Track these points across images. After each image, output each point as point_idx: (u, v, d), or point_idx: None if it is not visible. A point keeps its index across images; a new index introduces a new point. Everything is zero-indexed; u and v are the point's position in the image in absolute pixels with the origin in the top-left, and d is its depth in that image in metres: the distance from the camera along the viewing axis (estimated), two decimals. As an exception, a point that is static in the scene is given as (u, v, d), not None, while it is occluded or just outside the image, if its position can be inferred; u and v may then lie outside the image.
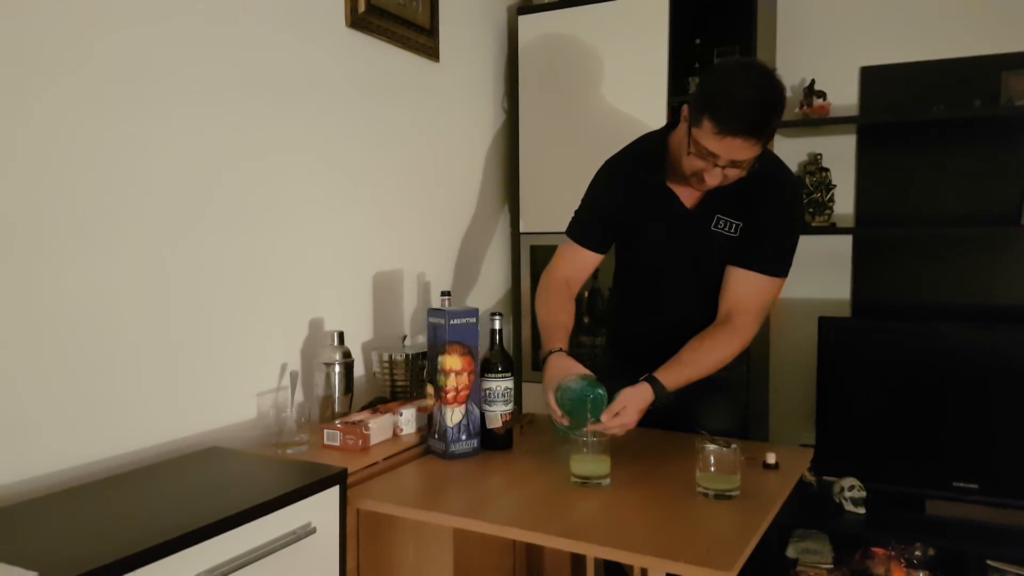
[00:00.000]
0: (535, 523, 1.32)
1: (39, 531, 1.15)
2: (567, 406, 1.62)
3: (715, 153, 1.55)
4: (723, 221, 1.74)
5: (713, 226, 1.75)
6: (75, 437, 1.45)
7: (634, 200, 1.82)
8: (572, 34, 2.72)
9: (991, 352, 2.44)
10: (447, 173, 2.57)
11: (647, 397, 1.62)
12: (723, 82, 1.55)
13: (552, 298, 1.85)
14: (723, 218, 1.74)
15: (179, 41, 1.63)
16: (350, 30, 2.11)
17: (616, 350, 2.04)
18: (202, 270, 1.69)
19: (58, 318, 1.42)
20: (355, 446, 1.66)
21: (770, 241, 1.73)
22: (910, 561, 2.33)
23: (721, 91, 1.53)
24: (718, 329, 1.72)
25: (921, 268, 2.73)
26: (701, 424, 1.75)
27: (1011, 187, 2.59)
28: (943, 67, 2.67)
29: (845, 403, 2.60)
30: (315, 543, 1.33)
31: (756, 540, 1.27)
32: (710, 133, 1.53)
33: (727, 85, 1.53)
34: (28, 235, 1.37)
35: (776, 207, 1.72)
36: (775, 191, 1.73)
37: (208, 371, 1.71)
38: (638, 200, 1.81)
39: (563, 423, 1.63)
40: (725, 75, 1.57)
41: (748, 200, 1.72)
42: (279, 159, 1.89)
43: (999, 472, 2.41)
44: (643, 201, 1.81)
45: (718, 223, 1.74)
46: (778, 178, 1.74)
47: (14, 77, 1.34)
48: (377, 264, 2.25)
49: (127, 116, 1.53)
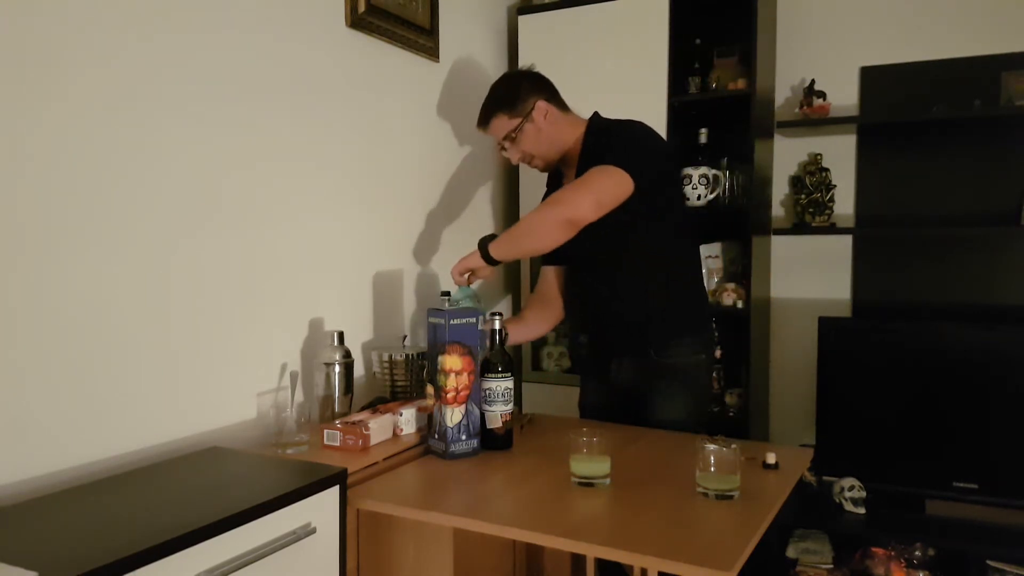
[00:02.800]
0: (535, 523, 1.32)
1: (39, 531, 1.15)
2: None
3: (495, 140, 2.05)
4: None
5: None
6: (75, 437, 1.45)
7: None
8: (572, 34, 2.72)
9: (991, 352, 2.44)
10: (447, 173, 2.57)
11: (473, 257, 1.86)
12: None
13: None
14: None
15: (181, 45, 1.63)
16: (350, 30, 2.11)
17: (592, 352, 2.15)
18: (202, 270, 1.70)
19: (60, 318, 1.42)
20: (355, 446, 1.66)
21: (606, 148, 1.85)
22: (910, 561, 2.33)
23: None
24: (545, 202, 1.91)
25: (921, 268, 2.73)
26: (655, 415, 1.88)
27: (1011, 187, 2.59)
28: (943, 67, 2.67)
29: (845, 403, 2.60)
30: (315, 543, 1.33)
31: (756, 540, 1.26)
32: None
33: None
34: (32, 236, 1.37)
35: (611, 135, 1.92)
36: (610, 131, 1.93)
37: (208, 371, 1.71)
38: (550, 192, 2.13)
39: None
40: None
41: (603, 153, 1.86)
42: (279, 159, 1.89)
43: (999, 472, 2.41)
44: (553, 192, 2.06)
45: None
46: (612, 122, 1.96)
47: (22, 82, 1.34)
48: (377, 264, 2.25)
49: (128, 118, 1.53)
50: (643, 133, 1.90)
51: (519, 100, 1.98)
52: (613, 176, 1.77)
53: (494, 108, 2.01)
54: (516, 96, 1.98)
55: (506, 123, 1.98)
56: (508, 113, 1.98)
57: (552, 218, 1.76)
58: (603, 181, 1.77)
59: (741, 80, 2.62)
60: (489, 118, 2.02)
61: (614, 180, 1.77)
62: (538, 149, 2.00)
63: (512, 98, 1.98)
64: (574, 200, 1.75)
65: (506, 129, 1.99)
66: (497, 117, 2.00)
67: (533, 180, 2.78)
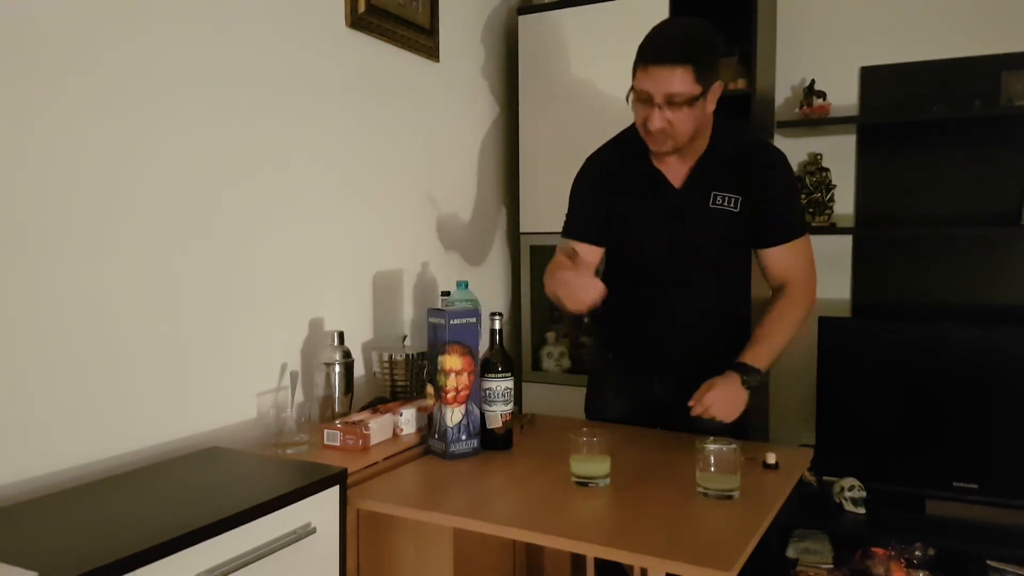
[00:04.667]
0: (535, 523, 1.32)
1: (39, 531, 1.15)
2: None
3: (648, 92, 1.61)
4: (721, 196, 1.75)
5: (712, 203, 1.75)
6: (76, 437, 1.45)
7: (622, 189, 1.81)
8: (572, 34, 2.72)
9: (991, 352, 2.44)
10: (447, 173, 2.57)
11: (732, 386, 1.64)
12: (652, 29, 1.67)
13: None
14: (720, 194, 1.74)
15: (182, 45, 1.63)
16: (350, 30, 2.11)
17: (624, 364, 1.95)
18: (202, 270, 1.70)
19: (61, 319, 1.42)
20: (355, 446, 1.66)
21: (781, 208, 1.76)
22: (910, 561, 2.33)
23: (649, 34, 1.66)
24: (777, 298, 1.77)
25: (921, 268, 2.73)
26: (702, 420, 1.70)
27: (1011, 187, 2.59)
28: (943, 67, 2.67)
29: (845, 403, 2.60)
30: (315, 543, 1.33)
31: (756, 540, 1.26)
32: (640, 73, 1.62)
33: (654, 28, 1.67)
34: (34, 237, 1.37)
35: (771, 174, 1.75)
36: (764, 160, 1.76)
37: (208, 371, 1.71)
38: (626, 188, 1.81)
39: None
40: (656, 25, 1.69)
41: (739, 174, 1.74)
42: (280, 160, 1.89)
43: (999, 472, 2.41)
44: (631, 187, 1.80)
45: (716, 199, 1.75)
46: (762, 147, 1.80)
47: (23, 82, 1.34)
48: (377, 264, 2.25)
49: (131, 120, 1.53)
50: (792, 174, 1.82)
51: (710, 67, 1.61)
52: (810, 246, 1.81)
53: (688, 55, 1.57)
54: (711, 61, 1.62)
55: (689, 83, 1.58)
56: (696, 73, 1.58)
57: (805, 316, 1.77)
58: (811, 254, 1.80)
59: (741, 80, 2.62)
60: (678, 61, 1.56)
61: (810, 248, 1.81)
62: (689, 132, 1.65)
63: (708, 59, 1.61)
64: (812, 289, 1.79)
65: (682, 88, 1.58)
66: (685, 68, 1.57)
67: (533, 180, 2.78)
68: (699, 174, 1.75)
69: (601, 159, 1.87)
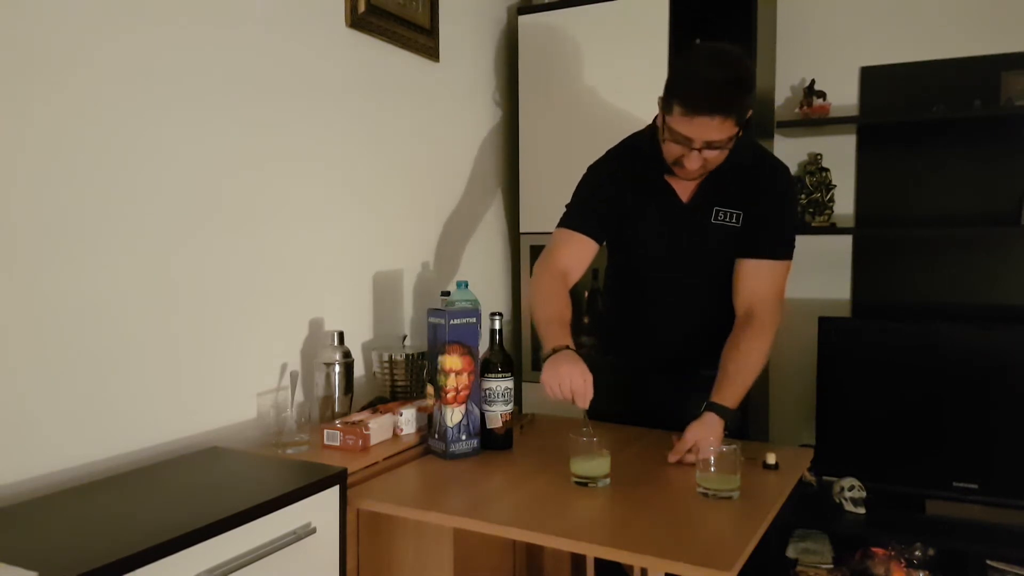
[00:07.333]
0: (535, 523, 1.32)
1: (39, 531, 1.15)
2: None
3: (688, 136, 1.56)
4: (723, 212, 1.74)
5: (713, 219, 1.75)
6: (76, 437, 1.45)
7: (629, 194, 1.80)
8: (572, 34, 2.72)
9: (991, 352, 2.44)
10: (447, 173, 2.57)
11: (716, 427, 1.60)
12: (689, 65, 1.58)
13: (551, 290, 1.75)
14: (722, 210, 1.74)
15: (181, 45, 1.63)
16: (350, 30, 2.11)
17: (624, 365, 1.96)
18: (202, 270, 1.69)
19: (60, 319, 1.42)
20: (355, 446, 1.66)
21: (774, 225, 1.74)
22: (910, 561, 2.33)
23: (688, 74, 1.56)
24: (745, 329, 1.70)
25: (921, 268, 2.73)
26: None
27: (1011, 187, 2.59)
28: (943, 67, 2.67)
29: (845, 403, 2.60)
30: (315, 543, 1.33)
31: (756, 540, 1.27)
32: (680, 116, 1.55)
33: (693, 67, 1.57)
34: (33, 236, 1.37)
35: (772, 192, 1.75)
36: (769, 177, 1.75)
37: (208, 371, 1.71)
38: (633, 194, 1.80)
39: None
40: (692, 58, 1.61)
41: (743, 189, 1.73)
42: (278, 159, 1.89)
43: (999, 472, 2.41)
44: (638, 195, 1.79)
45: (718, 215, 1.75)
46: (769, 163, 1.78)
47: (20, 81, 1.34)
48: (377, 264, 2.25)
49: (130, 120, 1.53)
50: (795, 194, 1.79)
51: (750, 106, 1.58)
52: (787, 273, 1.76)
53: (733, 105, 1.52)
54: (751, 100, 1.58)
55: (730, 128, 1.54)
56: (737, 117, 1.54)
57: (768, 351, 1.72)
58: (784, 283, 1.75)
59: (741, 80, 2.62)
60: (724, 114, 1.51)
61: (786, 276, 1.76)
62: (720, 162, 1.63)
63: (749, 102, 1.56)
64: (777, 318, 1.73)
65: (724, 135, 1.55)
66: (728, 116, 1.52)
67: (533, 180, 2.78)
68: (705, 189, 1.75)
69: (611, 164, 1.86)
